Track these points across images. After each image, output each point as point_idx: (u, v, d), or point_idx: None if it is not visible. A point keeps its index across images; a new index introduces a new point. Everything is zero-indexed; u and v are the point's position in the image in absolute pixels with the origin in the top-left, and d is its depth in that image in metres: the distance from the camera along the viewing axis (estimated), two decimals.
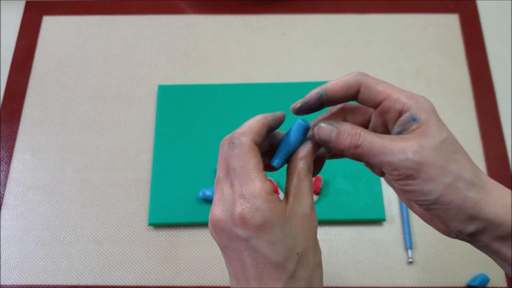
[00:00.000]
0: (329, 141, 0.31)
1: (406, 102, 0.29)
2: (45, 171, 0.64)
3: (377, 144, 0.29)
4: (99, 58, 0.72)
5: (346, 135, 0.30)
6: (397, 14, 0.74)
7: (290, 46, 0.72)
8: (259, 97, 0.66)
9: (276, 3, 0.75)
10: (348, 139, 0.30)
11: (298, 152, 0.32)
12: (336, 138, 0.30)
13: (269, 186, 0.28)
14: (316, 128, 0.31)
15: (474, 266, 0.58)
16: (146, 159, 0.65)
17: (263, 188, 0.28)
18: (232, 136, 0.30)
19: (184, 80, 0.70)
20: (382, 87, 0.30)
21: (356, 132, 0.30)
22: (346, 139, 0.30)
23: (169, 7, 0.75)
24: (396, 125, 0.30)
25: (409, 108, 0.29)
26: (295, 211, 0.29)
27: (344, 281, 0.58)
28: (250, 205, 0.28)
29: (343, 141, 0.30)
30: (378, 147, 0.29)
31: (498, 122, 0.66)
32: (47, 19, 0.75)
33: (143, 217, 0.61)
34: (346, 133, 0.30)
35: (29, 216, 0.62)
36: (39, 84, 0.70)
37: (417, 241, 0.60)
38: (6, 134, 0.67)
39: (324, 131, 0.31)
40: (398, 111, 0.30)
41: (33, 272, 0.59)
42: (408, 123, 0.29)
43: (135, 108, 0.68)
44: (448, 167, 0.28)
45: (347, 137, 0.30)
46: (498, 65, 0.70)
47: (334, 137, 0.30)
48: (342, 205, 0.60)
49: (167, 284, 0.58)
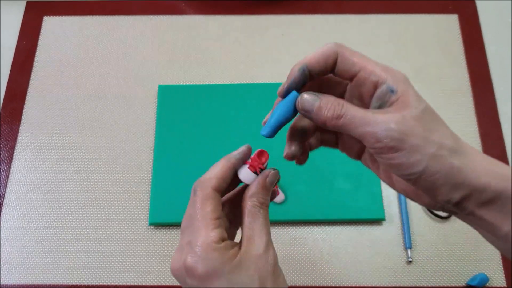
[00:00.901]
0: (311, 110, 0.30)
1: (381, 74, 0.29)
2: (45, 171, 0.64)
3: (359, 115, 0.28)
4: (99, 58, 0.72)
5: (329, 105, 0.29)
6: (397, 15, 0.74)
7: (290, 46, 0.72)
8: (259, 97, 0.67)
9: (276, 4, 0.75)
10: (331, 109, 0.29)
11: (248, 189, 0.32)
12: (319, 108, 0.30)
13: (218, 234, 0.29)
14: (299, 98, 0.31)
15: (474, 266, 0.58)
16: (146, 159, 0.65)
17: (209, 236, 0.29)
18: (196, 183, 0.32)
19: (184, 80, 0.70)
20: (357, 58, 0.30)
21: (339, 103, 0.29)
22: (329, 109, 0.29)
23: (170, 8, 0.75)
24: (375, 99, 0.30)
25: (384, 80, 0.29)
26: (249, 253, 0.29)
27: (344, 281, 0.58)
28: (195, 254, 0.28)
29: (325, 112, 0.30)
30: (361, 117, 0.28)
31: (497, 122, 0.66)
32: (47, 19, 0.75)
33: (143, 216, 0.62)
34: (329, 103, 0.30)
35: (29, 215, 0.62)
36: (39, 84, 0.70)
37: (416, 241, 0.60)
38: (7, 134, 0.67)
39: (307, 101, 0.30)
40: (373, 83, 0.29)
41: (33, 271, 0.59)
42: (386, 95, 0.29)
43: (135, 108, 0.68)
44: (430, 136, 0.27)
45: (330, 107, 0.29)
46: (497, 66, 0.70)
47: (316, 107, 0.30)
48: (342, 205, 0.60)
49: (167, 283, 0.58)
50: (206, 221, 0.29)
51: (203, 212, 0.30)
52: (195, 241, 0.29)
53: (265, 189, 0.32)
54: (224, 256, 0.28)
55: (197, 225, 0.29)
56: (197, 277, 0.28)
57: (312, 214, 0.60)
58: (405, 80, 0.29)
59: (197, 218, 0.30)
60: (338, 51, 0.30)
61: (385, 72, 0.29)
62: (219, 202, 0.31)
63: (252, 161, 0.32)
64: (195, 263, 0.28)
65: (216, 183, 0.31)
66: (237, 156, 0.33)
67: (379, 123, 0.27)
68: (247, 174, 0.32)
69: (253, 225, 0.30)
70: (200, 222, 0.29)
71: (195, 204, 0.31)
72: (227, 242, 0.30)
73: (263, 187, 0.32)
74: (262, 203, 0.31)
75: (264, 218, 0.31)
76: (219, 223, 0.30)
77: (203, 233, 0.29)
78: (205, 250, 0.28)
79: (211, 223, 0.29)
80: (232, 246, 0.30)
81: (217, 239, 0.29)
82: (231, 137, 0.64)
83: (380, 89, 0.29)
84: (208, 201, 0.30)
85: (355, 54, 0.30)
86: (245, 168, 0.32)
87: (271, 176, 0.32)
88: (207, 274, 0.28)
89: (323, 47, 0.31)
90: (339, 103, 0.29)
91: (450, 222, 0.61)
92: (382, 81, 0.29)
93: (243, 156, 0.33)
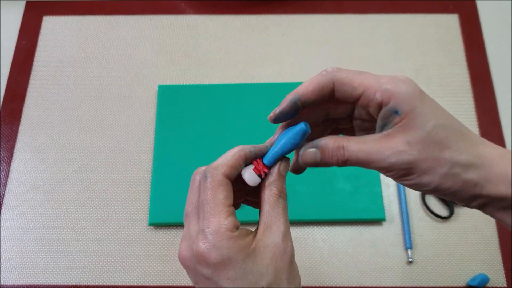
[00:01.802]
0: (316, 163, 0.30)
1: (384, 94, 0.28)
2: (45, 171, 0.64)
3: (363, 153, 0.28)
4: (99, 58, 0.72)
5: (330, 153, 0.29)
6: (397, 14, 0.74)
7: (290, 46, 0.72)
8: (259, 97, 0.66)
9: (276, 3, 0.75)
10: (334, 157, 0.29)
11: (267, 178, 0.31)
12: (322, 158, 0.30)
13: (231, 222, 0.28)
14: (299, 155, 0.31)
15: (474, 266, 0.58)
16: (146, 159, 0.65)
17: (223, 224, 0.28)
18: (205, 169, 0.30)
19: (184, 80, 0.70)
20: (357, 80, 0.29)
21: (339, 147, 0.29)
22: (332, 157, 0.29)
23: (169, 8, 0.75)
24: (379, 117, 0.29)
25: (389, 100, 0.27)
26: (264, 243, 0.28)
27: (344, 281, 0.58)
28: (209, 242, 0.27)
29: (329, 160, 0.29)
30: (365, 155, 0.28)
31: (497, 122, 0.66)
32: (47, 19, 0.75)
33: (143, 217, 0.62)
34: (329, 151, 0.29)
35: (29, 216, 0.62)
36: (39, 84, 0.70)
37: (417, 241, 0.60)
38: (7, 134, 0.67)
39: (308, 156, 0.30)
40: (378, 104, 0.28)
41: (33, 272, 0.59)
42: (390, 116, 0.28)
43: (135, 108, 0.68)
44: (441, 156, 0.27)
45: (332, 155, 0.29)
46: (498, 65, 0.70)
47: (319, 159, 0.30)
48: (342, 205, 0.60)
49: (167, 284, 0.58)
50: (219, 208, 0.28)
51: (216, 199, 0.29)
52: (208, 229, 0.28)
53: (282, 177, 0.31)
54: (239, 244, 0.27)
55: (209, 212, 0.28)
56: (211, 265, 0.27)
57: (312, 214, 0.60)
58: (412, 95, 0.27)
59: (209, 205, 0.28)
60: (335, 78, 0.29)
61: (389, 90, 0.28)
62: (231, 189, 0.30)
63: (257, 164, 0.31)
64: (208, 251, 0.27)
65: (228, 170, 0.30)
66: (251, 148, 0.31)
67: (384, 157, 0.27)
68: (251, 175, 0.31)
69: (271, 213, 0.29)
70: (213, 209, 0.28)
71: (206, 190, 0.29)
72: (242, 230, 0.29)
73: (279, 175, 0.31)
74: (280, 191, 0.30)
75: (283, 207, 0.30)
76: (232, 210, 0.29)
77: (216, 220, 0.28)
78: (219, 238, 0.27)
79: (224, 210, 0.28)
80: (246, 234, 0.29)
81: (231, 226, 0.28)
82: (231, 137, 0.64)
83: (383, 110, 0.28)
84: (220, 187, 0.29)
85: (355, 76, 0.29)
86: (249, 169, 0.31)
87: (284, 164, 0.31)
88: (221, 262, 0.27)
89: (317, 76, 0.30)
90: (339, 147, 0.29)
91: (451, 222, 0.60)
92: (387, 101, 0.28)
93: (258, 152, 0.32)
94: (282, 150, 0.31)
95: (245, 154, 0.31)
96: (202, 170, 0.30)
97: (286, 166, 0.32)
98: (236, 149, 0.31)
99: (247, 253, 0.27)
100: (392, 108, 0.27)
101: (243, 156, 0.31)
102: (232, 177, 0.30)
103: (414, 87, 0.28)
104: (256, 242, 0.28)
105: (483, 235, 0.60)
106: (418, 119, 0.27)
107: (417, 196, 0.62)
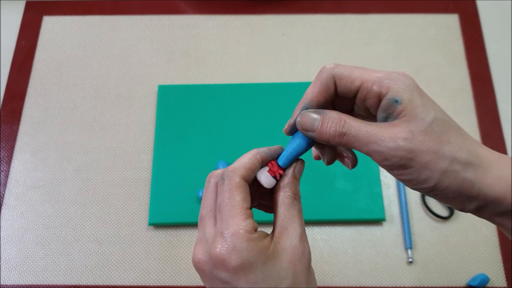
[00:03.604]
0: (313, 129, 0.29)
1: (383, 84, 0.27)
2: (45, 171, 0.64)
3: (364, 132, 0.27)
4: (99, 58, 0.72)
5: (330, 122, 0.28)
6: (397, 14, 0.74)
7: (290, 46, 0.72)
8: (259, 97, 0.66)
9: (276, 3, 0.75)
10: (332, 127, 0.28)
11: (281, 180, 0.31)
12: (320, 126, 0.28)
13: (250, 224, 0.27)
14: (298, 116, 0.30)
15: (474, 266, 0.58)
16: (146, 159, 0.65)
17: (241, 226, 0.27)
18: (222, 172, 0.30)
19: (184, 80, 0.70)
20: (355, 73, 0.29)
21: (341, 119, 0.28)
22: (331, 127, 0.28)
23: (169, 7, 0.75)
24: (380, 110, 0.28)
25: (387, 90, 0.27)
26: (282, 245, 0.28)
27: (344, 281, 0.58)
28: (228, 245, 0.26)
29: (327, 130, 0.28)
30: (365, 134, 0.27)
31: (498, 122, 0.66)
32: (47, 19, 0.75)
33: (143, 217, 0.62)
34: (330, 121, 0.28)
35: (29, 216, 0.62)
36: (39, 84, 0.70)
37: (417, 241, 0.60)
38: (6, 134, 0.67)
39: (307, 119, 0.29)
40: (377, 95, 0.28)
41: (33, 272, 0.59)
42: (391, 106, 0.27)
43: (135, 108, 0.68)
44: (441, 150, 0.26)
45: (331, 125, 0.28)
46: (498, 65, 0.70)
47: (317, 125, 0.29)
48: (342, 205, 0.60)
49: (167, 284, 0.58)
50: (237, 210, 0.28)
51: (233, 201, 0.28)
52: (227, 231, 0.27)
53: (296, 180, 0.31)
54: (259, 246, 0.27)
55: (227, 215, 0.28)
56: (230, 269, 0.26)
57: (312, 214, 0.60)
58: (411, 87, 0.27)
59: (227, 207, 0.28)
60: (334, 74, 0.29)
61: (388, 81, 0.27)
62: (248, 192, 0.29)
63: (272, 166, 0.31)
64: (228, 254, 0.26)
65: (245, 173, 0.29)
66: (266, 151, 0.31)
67: (385, 141, 0.26)
68: (266, 177, 0.30)
69: (287, 215, 0.29)
70: (231, 211, 0.28)
71: (223, 192, 0.29)
72: (260, 232, 0.28)
73: (294, 177, 0.31)
74: (295, 193, 0.30)
75: (298, 210, 0.30)
76: (250, 213, 0.28)
77: (235, 222, 0.27)
78: (239, 240, 0.26)
79: (242, 212, 0.28)
80: (264, 237, 0.28)
81: (251, 228, 0.27)
82: (231, 137, 0.64)
83: (384, 100, 0.28)
84: (238, 189, 0.28)
85: (353, 70, 0.29)
86: (264, 171, 0.31)
87: (299, 166, 0.31)
88: (241, 265, 0.26)
89: (318, 76, 0.30)
90: (341, 120, 0.28)
91: (451, 222, 0.60)
92: (385, 91, 0.27)
93: (273, 154, 0.31)
94: (296, 151, 0.31)
95: (261, 157, 0.31)
96: (218, 173, 0.30)
97: (301, 168, 0.31)
98: (253, 152, 0.31)
99: (267, 256, 0.27)
100: (392, 97, 0.27)
101: (260, 159, 0.31)
102: (249, 180, 0.30)
103: (411, 80, 0.28)
104: (274, 244, 0.28)
105: (483, 235, 0.60)
106: (419, 109, 0.27)
107: (417, 196, 0.62)
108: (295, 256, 0.28)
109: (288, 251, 0.28)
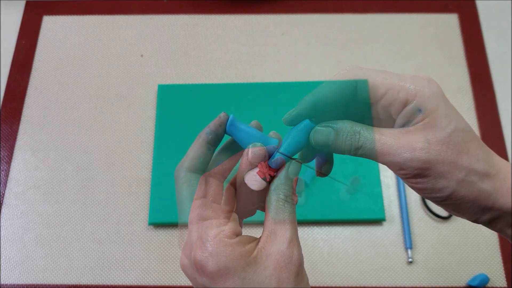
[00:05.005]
0: (328, 145, 0.28)
1: (409, 91, 0.27)
2: (45, 170, 0.64)
3: (379, 143, 0.26)
4: (99, 58, 0.72)
5: (345, 136, 0.27)
6: (397, 14, 0.74)
7: (290, 46, 0.72)
8: (259, 97, 0.66)
9: (276, 3, 0.75)
10: (347, 140, 0.27)
11: (273, 182, 0.29)
12: (336, 140, 0.28)
13: (230, 228, 0.27)
14: (312, 132, 0.29)
15: (474, 266, 0.58)
16: (146, 159, 0.65)
17: (220, 231, 0.26)
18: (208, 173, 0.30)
19: (184, 80, 0.70)
20: (380, 79, 0.28)
21: (355, 131, 0.27)
22: (346, 141, 0.27)
23: (169, 7, 0.75)
24: (400, 116, 0.28)
25: (413, 99, 0.27)
26: (267, 250, 0.26)
27: (344, 281, 0.58)
28: (205, 249, 0.26)
29: (342, 144, 0.27)
30: (381, 146, 0.26)
31: (497, 122, 0.66)
32: (47, 19, 0.75)
33: (143, 216, 0.62)
34: (345, 134, 0.27)
35: (29, 215, 0.62)
36: (39, 84, 0.70)
37: (417, 241, 0.60)
38: (7, 133, 0.67)
39: (321, 135, 0.28)
40: (403, 102, 0.27)
41: (33, 271, 0.59)
42: (413, 114, 0.27)
43: (135, 107, 0.68)
44: (458, 161, 0.26)
45: (346, 139, 0.27)
46: (498, 65, 0.70)
47: (333, 140, 0.28)
48: (342, 205, 0.60)
49: (167, 284, 0.58)
50: (217, 214, 0.27)
51: (214, 205, 0.28)
52: (206, 236, 0.26)
53: (289, 181, 0.29)
54: (238, 251, 0.26)
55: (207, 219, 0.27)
56: (208, 275, 0.26)
57: (312, 214, 0.60)
58: (437, 95, 0.27)
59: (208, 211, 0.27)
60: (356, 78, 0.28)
61: (414, 88, 0.27)
62: (233, 194, 0.29)
63: (262, 167, 0.29)
64: (205, 260, 0.26)
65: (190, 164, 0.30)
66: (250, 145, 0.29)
67: (402, 152, 0.26)
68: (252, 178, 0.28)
69: (275, 219, 0.27)
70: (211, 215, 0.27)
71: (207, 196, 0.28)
72: (242, 237, 0.27)
73: (287, 178, 0.29)
74: (287, 195, 0.28)
75: (289, 212, 0.28)
76: (233, 216, 0.28)
77: (215, 227, 0.26)
78: (217, 246, 0.26)
79: (223, 216, 0.27)
80: (248, 242, 0.27)
81: (230, 233, 0.26)
82: None
83: (408, 107, 0.27)
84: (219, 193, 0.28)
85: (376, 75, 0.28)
86: (253, 172, 0.28)
87: (293, 166, 0.29)
88: (218, 271, 0.25)
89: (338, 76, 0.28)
90: (355, 131, 0.27)
91: (451, 222, 0.60)
92: (412, 99, 0.27)
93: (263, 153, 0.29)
94: (288, 150, 0.29)
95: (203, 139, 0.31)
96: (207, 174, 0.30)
97: (295, 168, 0.29)
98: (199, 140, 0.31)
99: (247, 262, 0.26)
100: (416, 106, 0.27)
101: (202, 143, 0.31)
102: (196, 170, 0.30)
103: (438, 87, 0.28)
104: (258, 249, 0.26)
105: (483, 235, 0.60)
106: (441, 119, 0.26)
107: (417, 196, 0.62)
108: (281, 262, 0.26)
109: (273, 257, 0.26)
